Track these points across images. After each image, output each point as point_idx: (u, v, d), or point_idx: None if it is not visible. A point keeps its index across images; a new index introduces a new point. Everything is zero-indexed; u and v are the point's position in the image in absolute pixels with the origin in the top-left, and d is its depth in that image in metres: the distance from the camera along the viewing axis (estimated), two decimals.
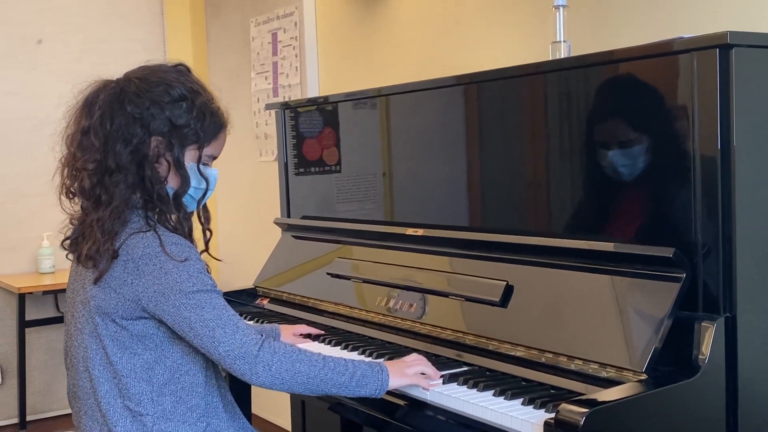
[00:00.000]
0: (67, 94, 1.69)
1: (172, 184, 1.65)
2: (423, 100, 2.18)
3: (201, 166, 1.67)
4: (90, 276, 1.61)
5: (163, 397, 1.61)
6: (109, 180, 1.59)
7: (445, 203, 2.11)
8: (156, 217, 1.63)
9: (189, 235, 1.68)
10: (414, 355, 1.75)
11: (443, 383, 1.68)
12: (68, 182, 1.66)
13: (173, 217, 1.64)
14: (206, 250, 1.72)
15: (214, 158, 1.72)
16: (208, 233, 1.75)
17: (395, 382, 1.63)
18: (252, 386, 2.45)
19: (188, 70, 1.71)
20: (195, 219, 1.73)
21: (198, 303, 1.56)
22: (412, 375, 1.65)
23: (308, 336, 2.10)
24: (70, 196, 1.67)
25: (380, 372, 1.62)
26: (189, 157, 1.65)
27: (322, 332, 2.11)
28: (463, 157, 2.06)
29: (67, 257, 1.72)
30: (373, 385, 1.61)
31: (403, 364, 1.68)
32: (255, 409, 2.71)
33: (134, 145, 1.60)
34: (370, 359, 1.82)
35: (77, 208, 1.68)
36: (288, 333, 2.06)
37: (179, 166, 1.64)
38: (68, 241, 1.69)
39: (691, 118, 1.52)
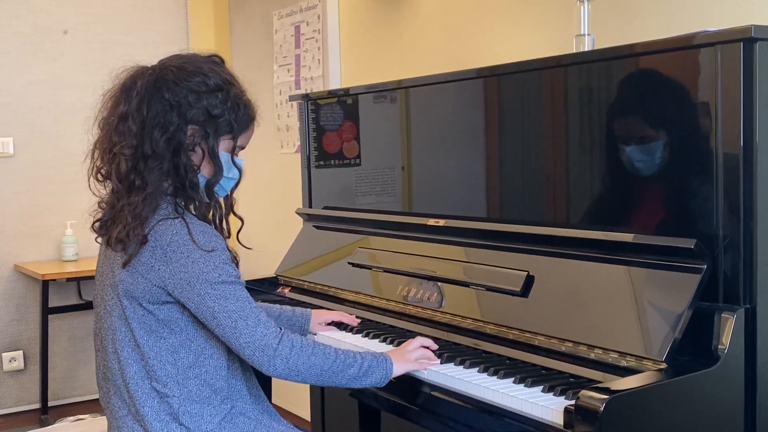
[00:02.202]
0: (91, 83, 1.72)
1: (204, 173, 1.68)
2: (443, 92, 2.19)
3: (233, 156, 1.70)
4: (119, 260, 1.64)
5: (189, 380, 1.64)
6: (144, 166, 1.62)
7: (464, 196, 2.13)
8: (184, 203, 1.66)
9: (219, 224, 1.71)
10: (417, 340, 1.79)
11: (464, 368, 1.71)
12: (99, 164, 1.69)
13: (201, 205, 1.67)
14: (230, 236, 1.75)
15: (242, 149, 1.75)
16: (238, 222, 1.78)
17: (399, 368, 1.71)
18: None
19: (222, 61, 1.75)
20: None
21: (222, 294, 1.59)
22: (413, 361, 1.73)
23: (336, 324, 2.12)
24: (100, 178, 1.70)
25: (385, 361, 1.70)
26: (222, 147, 1.68)
27: (358, 321, 2.11)
28: (483, 149, 2.08)
29: (96, 240, 1.76)
30: (379, 373, 1.69)
31: (405, 351, 1.75)
32: (274, 400, 2.74)
33: (171, 133, 1.62)
34: (374, 351, 1.85)
35: (105, 190, 1.71)
36: (315, 322, 2.08)
37: (213, 156, 1.67)
38: (98, 224, 1.72)
39: (713, 112, 1.53)
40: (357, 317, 2.13)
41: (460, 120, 2.14)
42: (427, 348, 1.79)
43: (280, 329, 1.65)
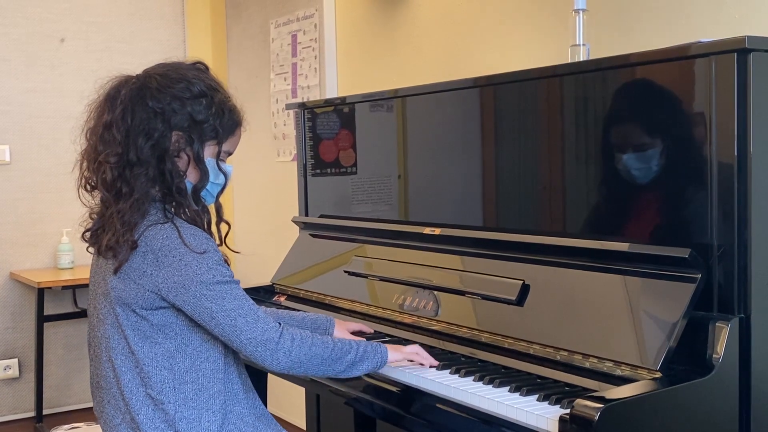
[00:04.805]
0: (88, 91, 1.73)
1: (191, 178, 1.69)
2: (440, 101, 2.20)
3: (219, 162, 1.71)
4: (110, 268, 1.64)
5: (185, 385, 1.64)
6: (130, 173, 1.63)
7: (461, 205, 2.13)
8: (173, 209, 1.67)
9: (207, 228, 1.72)
10: (414, 347, 1.84)
11: (459, 377, 1.71)
12: (87, 174, 1.70)
13: (190, 210, 1.68)
14: (222, 243, 1.76)
15: (229, 154, 1.76)
16: (225, 226, 1.79)
17: (393, 356, 1.76)
18: (267, 382, 2.51)
19: (206, 67, 1.76)
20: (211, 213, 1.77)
21: (219, 294, 1.60)
22: (407, 352, 1.79)
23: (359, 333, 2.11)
24: (89, 188, 1.71)
25: (379, 347, 1.76)
26: (208, 153, 1.69)
27: (371, 331, 2.10)
28: (479, 158, 2.09)
29: (87, 250, 1.76)
30: (375, 359, 1.74)
31: (400, 346, 1.82)
32: (269, 408, 2.73)
33: (155, 139, 1.63)
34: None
35: (95, 200, 1.72)
36: (342, 328, 2.06)
37: (199, 161, 1.67)
38: (88, 233, 1.72)
39: (708, 122, 1.54)
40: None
41: (456, 129, 2.15)
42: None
43: (279, 324, 1.65)
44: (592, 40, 2.07)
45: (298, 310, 2.25)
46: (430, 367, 1.80)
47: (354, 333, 2.10)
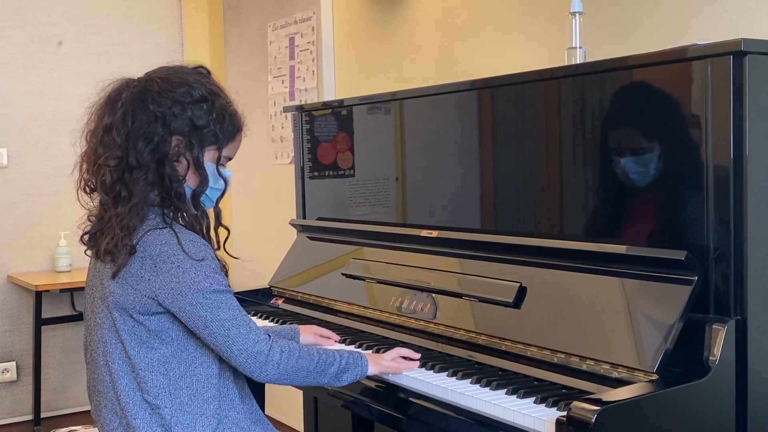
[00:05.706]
0: (87, 94, 1.73)
1: (190, 183, 1.69)
2: (437, 104, 2.20)
3: (219, 167, 1.71)
4: (108, 272, 1.64)
5: (180, 390, 1.64)
6: (129, 177, 1.63)
7: (458, 207, 2.13)
8: (171, 214, 1.67)
9: (206, 234, 1.72)
10: (395, 351, 1.84)
11: (456, 380, 1.71)
12: (87, 177, 1.70)
13: (188, 215, 1.68)
14: (221, 248, 1.76)
15: (229, 159, 1.76)
16: (224, 231, 1.79)
17: (373, 368, 1.78)
18: (265, 386, 2.51)
19: (208, 72, 1.76)
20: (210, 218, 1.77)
21: (214, 303, 1.60)
22: (386, 364, 1.80)
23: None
24: (88, 190, 1.71)
25: (360, 358, 1.76)
26: (208, 158, 1.69)
27: (338, 338, 2.10)
28: (477, 161, 2.09)
29: (85, 252, 1.76)
30: (356, 370, 1.75)
31: (380, 356, 1.83)
32: (267, 410, 2.74)
33: (155, 144, 1.63)
34: (353, 349, 1.95)
35: (94, 203, 1.72)
36: (309, 332, 2.07)
37: (198, 166, 1.67)
38: (87, 236, 1.72)
39: (704, 125, 1.54)
40: (338, 327, 2.14)
41: (454, 132, 2.15)
42: (407, 357, 1.82)
43: (269, 336, 1.67)
44: (589, 43, 2.07)
45: (271, 320, 2.25)
46: (418, 362, 1.82)
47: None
